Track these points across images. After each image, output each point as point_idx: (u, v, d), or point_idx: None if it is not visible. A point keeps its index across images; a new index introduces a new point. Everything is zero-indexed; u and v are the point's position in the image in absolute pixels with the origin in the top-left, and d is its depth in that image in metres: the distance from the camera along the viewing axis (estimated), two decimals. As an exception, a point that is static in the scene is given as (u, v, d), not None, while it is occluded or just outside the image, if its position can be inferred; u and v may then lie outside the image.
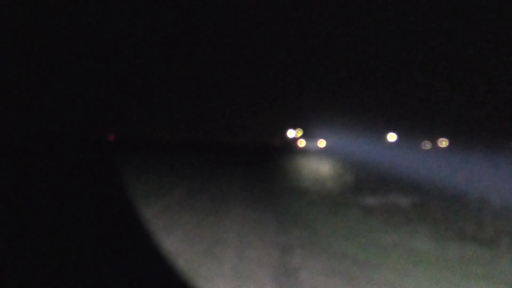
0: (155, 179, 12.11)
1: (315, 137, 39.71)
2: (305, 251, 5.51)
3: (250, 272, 4.59)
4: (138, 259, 4.87)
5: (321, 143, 39.63)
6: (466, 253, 5.54)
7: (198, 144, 49.55)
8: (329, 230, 6.71)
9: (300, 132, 41.14)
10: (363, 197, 9.79)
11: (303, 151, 36.96)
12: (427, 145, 42.57)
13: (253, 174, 16.05)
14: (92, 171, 13.25)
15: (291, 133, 41.77)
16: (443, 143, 42.79)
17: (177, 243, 5.51)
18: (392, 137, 41.34)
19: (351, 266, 4.95)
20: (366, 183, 12.55)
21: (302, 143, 40.54)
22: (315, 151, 35.95)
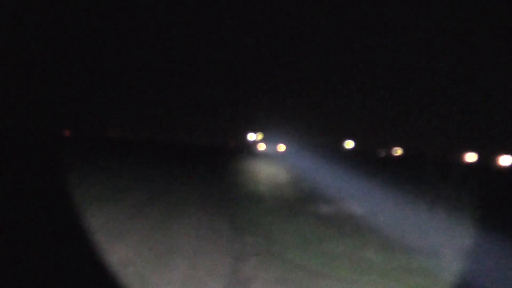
0: (110, 181, 11.77)
1: (275, 141, 40.21)
2: (258, 259, 5.55)
3: (202, 282, 4.56)
4: (84, 267, 4.71)
5: (281, 148, 40.15)
6: (411, 264, 5.78)
7: (157, 143, 48.70)
8: (284, 238, 6.79)
9: (260, 136, 41.43)
10: (318, 205, 9.98)
11: (263, 154, 37.21)
12: (382, 153, 44.18)
13: (211, 177, 15.98)
14: (41, 170, 12.69)
15: (251, 136, 41.96)
16: (397, 151, 44.52)
17: (128, 251, 5.38)
18: (349, 144, 42.51)
19: (302, 276, 5.04)
20: (322, 190, 12.82)
21: (261, 147, 40.89)
22: (274, 155, 36.29)
